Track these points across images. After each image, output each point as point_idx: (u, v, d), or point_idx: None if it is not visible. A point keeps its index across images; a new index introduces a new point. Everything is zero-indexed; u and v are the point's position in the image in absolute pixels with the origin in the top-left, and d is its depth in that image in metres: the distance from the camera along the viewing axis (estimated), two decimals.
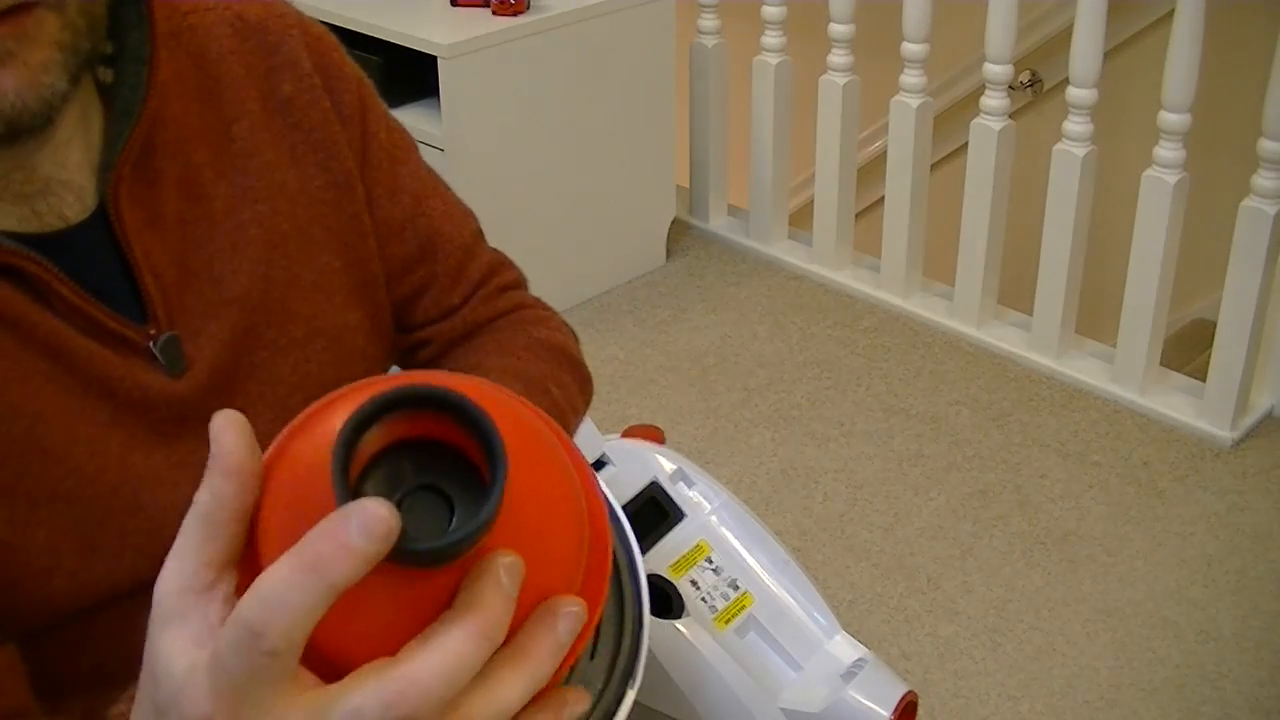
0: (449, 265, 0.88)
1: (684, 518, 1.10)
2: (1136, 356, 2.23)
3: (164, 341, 0.72)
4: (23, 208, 0.68)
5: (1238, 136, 2.37)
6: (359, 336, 0.82)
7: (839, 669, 1.06)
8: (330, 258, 0.80)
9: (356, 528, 0.37)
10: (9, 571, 0.67)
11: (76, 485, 0.68)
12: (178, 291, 0.73)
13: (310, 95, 0.80)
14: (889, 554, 1.95)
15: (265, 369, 0.76)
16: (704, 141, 2.82)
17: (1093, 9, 2.11)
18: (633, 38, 2.49)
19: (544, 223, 2.48)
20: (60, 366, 0.68)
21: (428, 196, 0.87)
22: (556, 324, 0.93)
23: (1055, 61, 3.19)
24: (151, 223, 0.72)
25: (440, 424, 0.41)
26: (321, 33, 0.83)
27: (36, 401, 0.67)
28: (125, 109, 0.70)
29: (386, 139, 0.85)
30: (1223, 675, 1.72)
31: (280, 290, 0.77)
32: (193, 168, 0.74)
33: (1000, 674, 1.73)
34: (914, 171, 2.46)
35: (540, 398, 0.83)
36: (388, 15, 2.30)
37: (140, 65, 0.71)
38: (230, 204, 0.76)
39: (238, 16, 0.78)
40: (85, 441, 0.68)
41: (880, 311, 2.57)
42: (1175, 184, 2.10)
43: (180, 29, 0.76)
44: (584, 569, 0.44)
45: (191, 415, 0.73)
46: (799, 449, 2.18)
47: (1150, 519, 2.00)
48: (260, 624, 0.38)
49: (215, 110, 0.76)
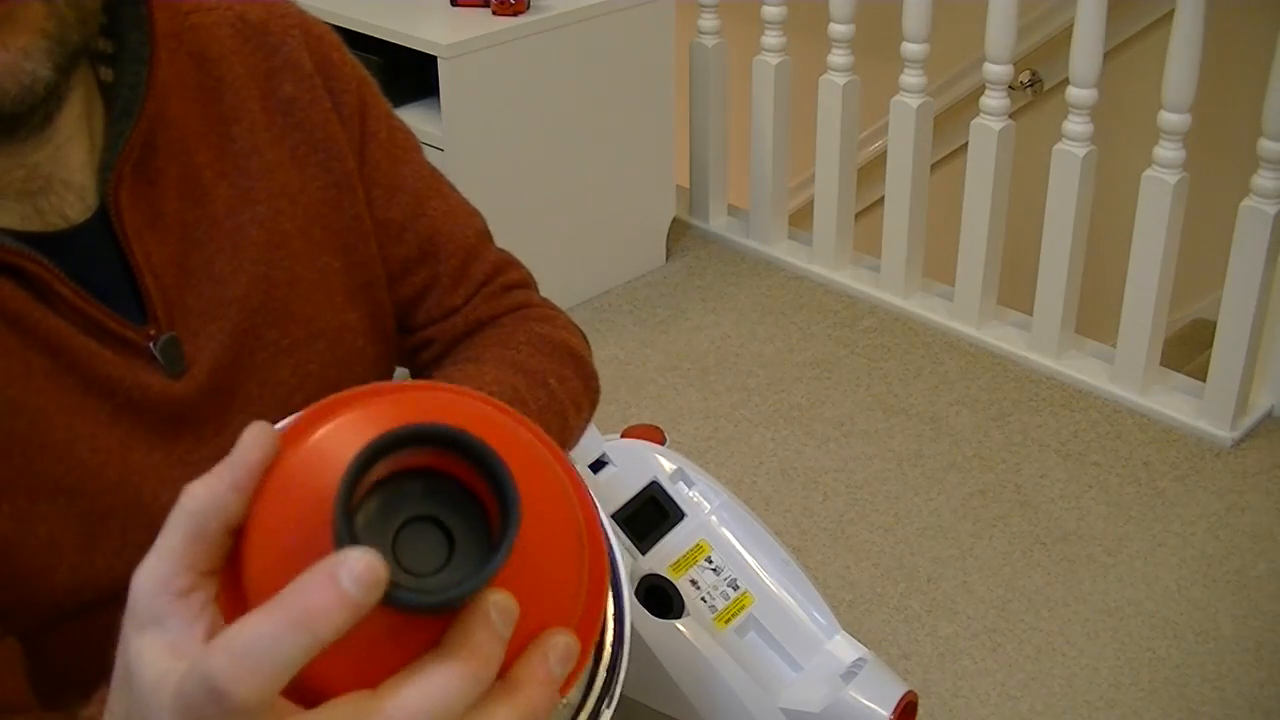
0: (451, 266, 0.87)
1: (684, 518, 1.11)
2: (1136, 356, 2.23)
3: (164, 342, 0.72)
4: (25, 205, 0.69)
5: (1238, 136, 2.36)
6: (359, 337, 0.82)
7: (839, 669, 1.06)
8: (330, 258, 0.80)
9: (350, 580, 0.36)
10: (11, 566, 0.67)
11: (78, 480, 0.68)
12: (178, 292, 0.73)
13: (311, 96, 0.80)
14: (889, 554, 1.95)
15: (265, 370, 0.76)
16: (704, 141, 2.82)
17: (1093, 9, 2.11)
18: (633, 38, 2.49)
19: (544, 223, 2.48)
20: (61, 365, 0.68)
21: (429, 197, 0.87)
22: (563, 323, 0.92)
23: (1055, 61, 3.19)
24: (152, 223, 0.72)
25: (444, 456, 0.40)
26: (323, 32, 0.83)
27: (38, 398, 0.67)
28: (125, 109, 0.70)
29: (387, 138, 0.85)
30: (1223, 675, 1.72)
31: (281, 291, 0.77)
32: (193, 168, 0.74)
33: (1000, 674, 1.73)
34: (914, 171, 2.46)
35: (538, 390, 0.82)
36: (388, 15, 2.30)
37: (140, 65, 0.71)
38: (231, 204, 0.76)
39: (239, 17, 0.79)
40: (86, 438, 0.68)
41: (880, 311, 2.57)
42: (1175, 184, 2.10)
43: (181, 29, 0.76)
44: (583, 601, 0.43)
45: (191, 415, 0.73)
46: (799, 449, 2.18)
47: (1150, 519, 2.00)
48: (230, 680, 0.37)
49: (216, 111, 0.76)
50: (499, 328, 0.89)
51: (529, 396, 0.81)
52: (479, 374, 0.81)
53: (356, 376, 0.81)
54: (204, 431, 0.74)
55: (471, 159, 2.29)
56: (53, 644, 0.71)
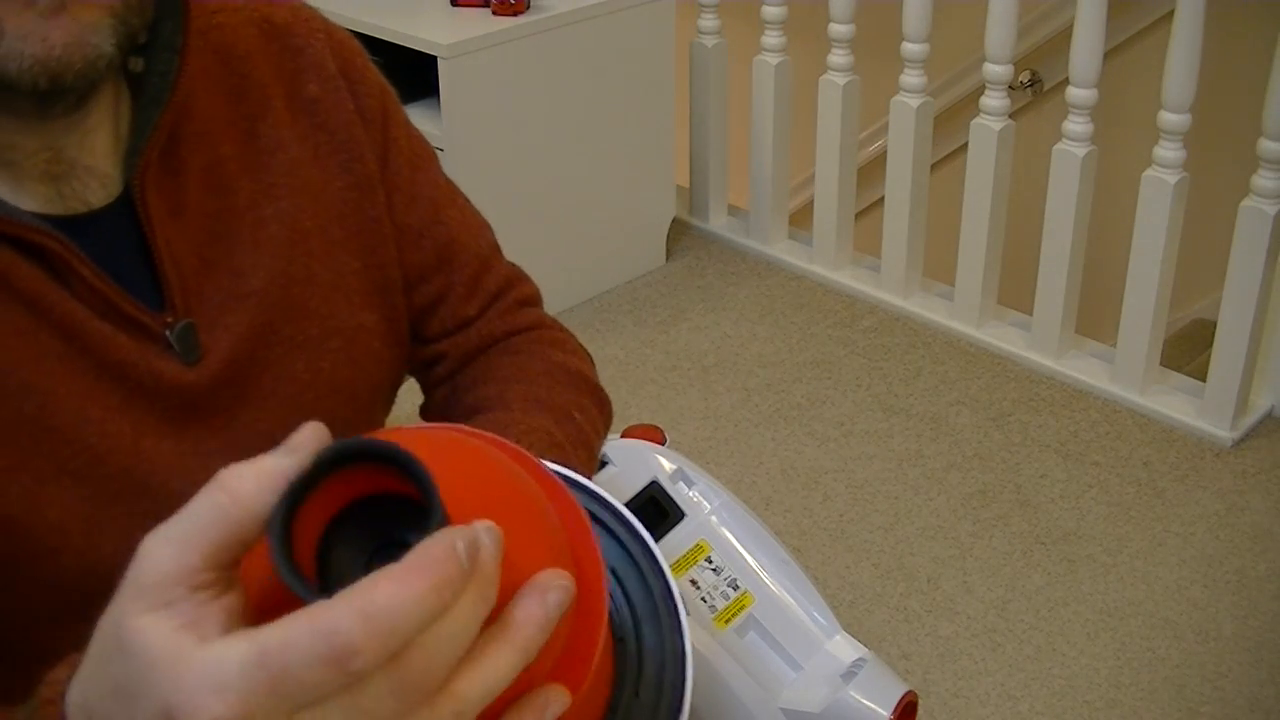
0: (465, 275, 0.88)
1: (684, 518, 1.11)
2: (1136, 356, 2.23)
3: (180, 329, 0.72)
4: (48, 188, 0.69)
5: (1238, 136, 2.37)
6: (374, 339, 0.83)
7: (839, 669, 1.07)
8: (349, 258, 0.81)
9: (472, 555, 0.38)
10: (18, 550, 0.67)
11: (86, 465, 0.69)
12: (197, 281, 0.74)
13: (335, 97, 0.81)
14: (889, 554, 1.95)
15: (280, 364, 0.77)
16: (704, 141, 2.82)
17: (1093, 9, 2.11)
18: (633, 38, 2.49)
19: (544, 223, 2.48)
20: (75, 348, 0.68)
21: (445, 206, 0.88)
22: (573, 346, 0.93)
23: (1055, 61, 3.19)
24: (175, 212, 0.73)
25: (390, 478, 0.39)
26: (346, 38, 0.84)
27: (49, 381, 0.67)
28: (154, 96, 0.71)
29: (407, 146, 0.86)
30: (1223, 675, 1.72)
31: (299, 287, 0.78)
32: (217, 161, 0.75)
33: (1000, 674, 1.73)
34: (914, 171, 2.46)
35: (566, 425, 0.83)
36: (388, 15, 2.30)
37: (172, 54, 0.72)
38: (253, 199, 0.76)
39: (265, 19, 0.80)
40: (96, 422, 0.69)
41: (880, 311, 2.57)
42: (1175, 184, 2.10)
43: (208, 27, 0.77)
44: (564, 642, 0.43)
45: (203, 404, 0.74)
46: (799, 449, 2.18)
47: (1150, 519, 2.00)
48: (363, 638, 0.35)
49: (241, 107, 0.77)
50: (515, 354, 0.89)
51: (561, 436, 0.82)
52: (509, 420, 0.82)
53: (370, 377, 0.82)
54: (214, 422, 0.74)
55: (471, 159, 2.29)
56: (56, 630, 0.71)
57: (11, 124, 0.66)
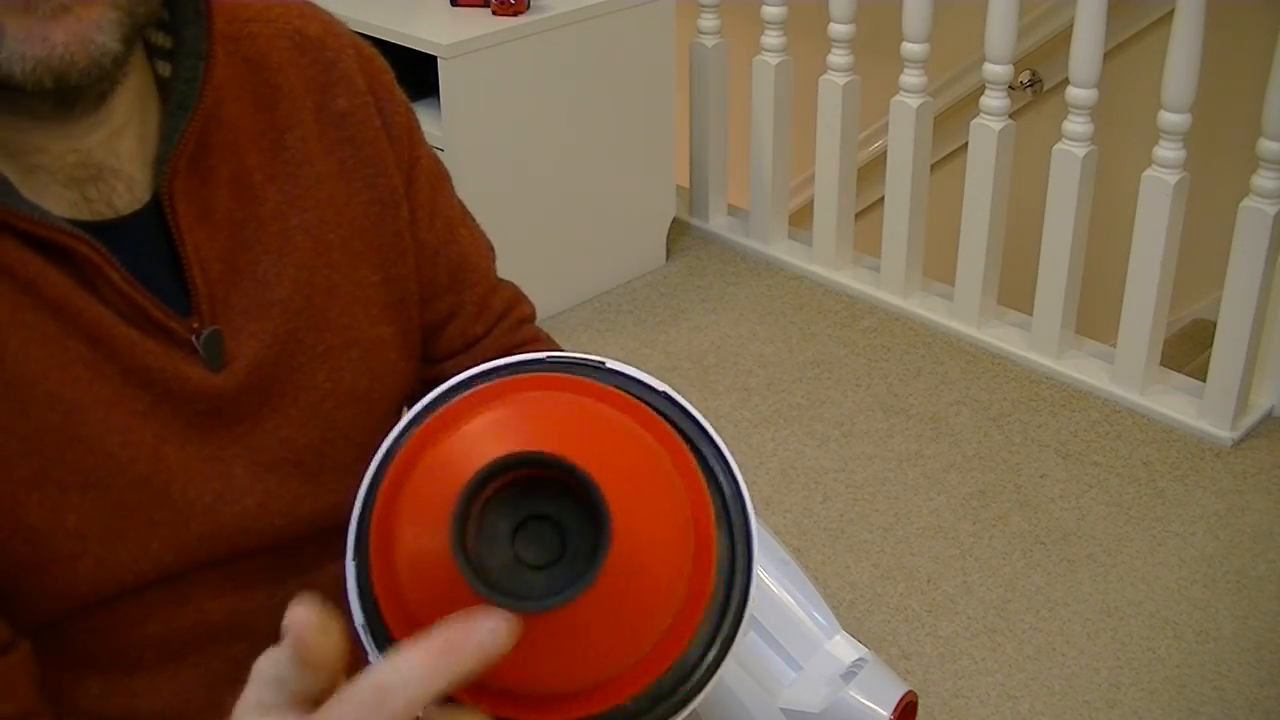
0: (475, 295, 0.89)
1: None
2: (1136, 356, 2.23)
3: (207, 335, 0.73)
4: (74, 193, 0.69)
5: (1238, 136, 2.37)
6: (391, 351, 0.83)
7: (839, 669, 1.06)
8: (369, 271, 0.81)
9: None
10: (37, 557, 0.68)
11: (108, 474, 0.69)
12: (224, 288, 0.74)
13: (363, 113, 0.81)
14: (889, 554, 1.95)
15: (302, 373, 0.78)
16: (704, 141, 2.82)
17: (1093, 9, 2.11)
18: (633, 38, 2.49)
19: (544, 223, 2.48)
20: (101, 354, 0.69)
21: (459, 225, 0.89)
22: None
23: (1055, 61, 3.19)
24: (203, 218, 0.73)
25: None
26: (374, 55, 0.85)
27: (74, 389, 0.68)
28: (182, 103, 0.72)
29: (429, 165, 0.87)
30: (1223, 675, 1.72)
31: (321, 298, 0.78)
32: (244, 170, 0.76)
33: (1000, 674, 1.73)
34: (914, 171, 2.46)
35: None
36: (388, 15, 2.30)
37: (197, 60, 0.72)
38: (279, 209, 0.77)
39: (297, 31, 0.80)
40: (119, 430, 0.69)
41: (880, 311, 2.57)
42: (1175, 184, 2.10)
43: (240, 35, 0.77)
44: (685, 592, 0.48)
45: (227, 410, 0.74)
46: (799, 449, 2.18)
47: (1150, 519, 2.00)
48: None
49: (270, 117, 0.78)
50: None
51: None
52: None
53: (386, 388, 0.83)
54: (237, 429, 0.75)
55: (471, 159, 2.29)
56: (71, 632, 0.72)
57: (34, 127, 0.67)
